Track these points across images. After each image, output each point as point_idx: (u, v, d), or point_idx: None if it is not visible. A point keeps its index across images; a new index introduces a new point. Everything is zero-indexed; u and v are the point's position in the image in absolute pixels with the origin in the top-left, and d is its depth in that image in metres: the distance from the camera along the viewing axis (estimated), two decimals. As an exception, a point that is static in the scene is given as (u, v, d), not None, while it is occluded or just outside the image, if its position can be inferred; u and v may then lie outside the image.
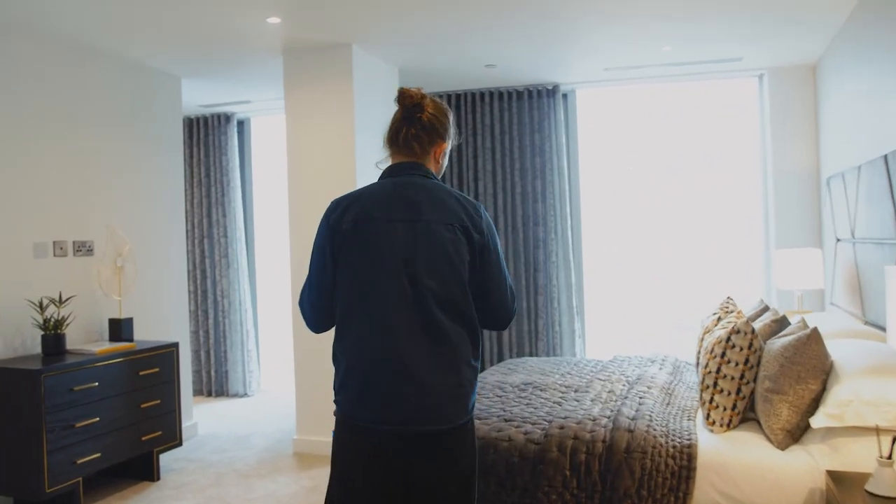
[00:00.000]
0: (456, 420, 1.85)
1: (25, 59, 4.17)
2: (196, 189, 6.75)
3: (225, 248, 6.65)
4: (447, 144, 2.02)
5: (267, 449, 4.96)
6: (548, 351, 5.86)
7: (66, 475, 3.74)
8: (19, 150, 4.12)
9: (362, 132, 4.79)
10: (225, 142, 6.67)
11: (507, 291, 1.96)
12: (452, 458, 1.86)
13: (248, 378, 6.68)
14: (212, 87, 5.78)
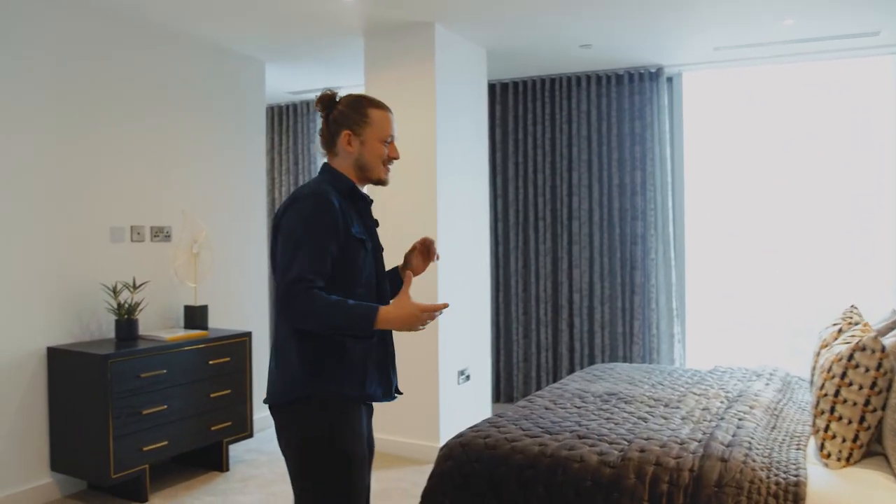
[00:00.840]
0: (279, 398, 2.04)
1: (107, 42, 4.15)
2: (284, 177, 6.70)
3: (312, 238, 6.56)
4: (351, 131, 2.10)
5: (340, 445, 4.79)
6: (644, 356, 5.41)
7: (132, 462, 3.69)
8: (100, 135, 4.11)
9: (445, 119, 4.52)
10: (312, 129, 6.57)
11: (280, 274, 1.97)
12: (279, 433, 2.07)
13: (331, 370, 6.57)
14: (297, 72, 5.66)
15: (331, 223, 1.99)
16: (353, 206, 2.12)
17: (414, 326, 1.94)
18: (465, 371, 4.73)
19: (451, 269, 4.58)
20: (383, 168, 2.18)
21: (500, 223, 5.85)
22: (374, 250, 2.16)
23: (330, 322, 1.92)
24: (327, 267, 1.97)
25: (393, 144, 2.19)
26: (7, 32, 3.67)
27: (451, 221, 4.58)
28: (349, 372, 2.04)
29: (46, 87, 3.84)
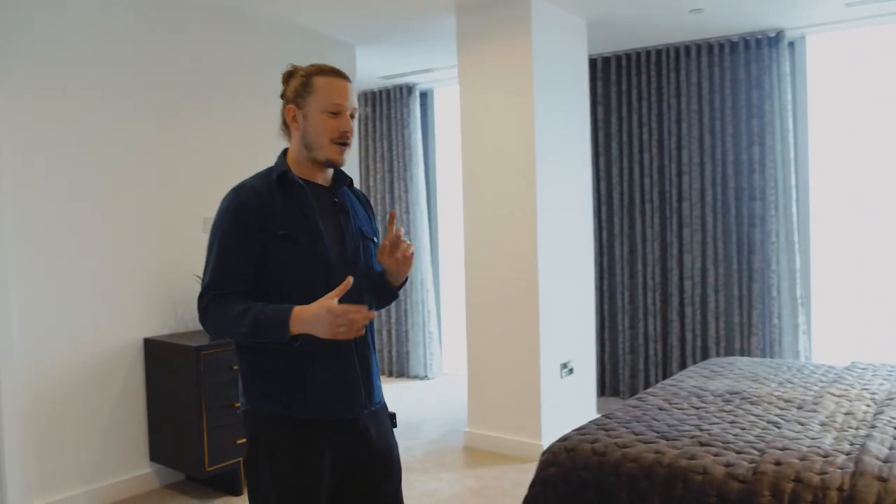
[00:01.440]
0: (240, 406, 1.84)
1: (196, 32, 4.11)
2: (378, 164, 6.58)
3: (407, 225, 6.42)
4: (294, 105, 1.84)
5: (436, 440, 4.62)
6: (763, 349, 4.95)
7: (225, 455, 3.63)
8: (190, 124, 4.08)
9: (543, 98, 4.23)
10: (407, 114, 6.41)
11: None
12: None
13: (428, 360, 6.43)
14: (389, 55, 5.50)
15: (245, 221, 1.74)
16: (288, 195, 1.80)
17: (332, 331, 1.61)
18: (567, 364, 4.45)
19: (552, 257, 4.30)
20: (333, 146, 1.81)
21: (603, 207, 5.50)
22: (313, 245, 1.77)
23: (241, 331, 1.68)
24: (244, 270, 1.73)
25: (344, 116, 1.80)
26: (94, 26, 3.67)
27: (551, 206, 4.30)
28: (287, 385, 1.76)
29: (135, 78, 3.83)
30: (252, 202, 1.76)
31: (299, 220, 1.78)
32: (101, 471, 3.63)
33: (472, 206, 4.48)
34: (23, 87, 3.37)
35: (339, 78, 1.82)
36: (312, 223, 1.78)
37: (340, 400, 1.78)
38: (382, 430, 1.89)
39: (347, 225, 1.86)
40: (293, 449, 1.75)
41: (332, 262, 1.78)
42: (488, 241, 4.40)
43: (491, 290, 4.39)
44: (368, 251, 1.90)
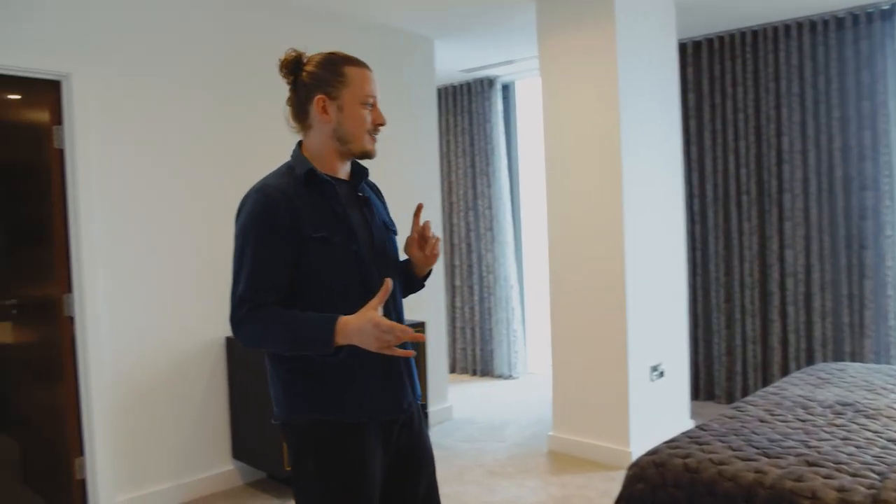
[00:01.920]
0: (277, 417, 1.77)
1: (273, 29, 4.10)
2: (460, 159, 6.47)
3: (490, 221, 6.29)
4: (326, 95, 1.73)
5: (520, 444, 4.48)
6: (878, 354, 4.54)
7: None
8: (266, 124, 4.07)
9: (629, 86, 4.00)
10: (489, 108, 6.27)
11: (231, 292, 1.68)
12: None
13: (513, 359, 6.29)
14: (469, 48, 5.37)
15: (276, 224, 1.65)
16: (317, 193, 1.72)
17: (379, 346, 1.54)
18: (658, 366, 4.22)
19: (640, 253, 4.07)
20: (368, 137, 1.77)
21: (696, 199, 5.21)
22: (348, 243, 1.71)
23: (283, 346, 1.65)
24: (279, 278, 1.65)
25: (377, 108, 1.78)
26: (173, 24, 3.70)
27: (639, 200, 4.07)
28: (332, 389, 1.69)
29: (212, 76, 3.85)
30: (282, 203, 1.66)
31: (332, 221, 1.71)
32: (185, 467, 3.68)
33: (556, 200, 4.30)
34: (108, 84, 3.43)
35: (368, 70, 1.79)
36: (345, 222, 1.73)
37: (388, 399, 1.75)
38: (419, 426, 1.87)
39: (373, 219, 1.81)
40: (344, 456, 1.69)
41: (366, 260, 1.74)
42: (572, 238, 4.22)
43: (575, 288, 4.20)
44: (393, 243, 1.88)
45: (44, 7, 3.23)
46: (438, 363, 5.03)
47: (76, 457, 3.39)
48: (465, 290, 6.48)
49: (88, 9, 3.37)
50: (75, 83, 3.29)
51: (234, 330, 1.67)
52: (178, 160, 3.69)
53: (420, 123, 4.96)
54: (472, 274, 6.43)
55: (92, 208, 3.35)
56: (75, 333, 3.35)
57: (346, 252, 1.71)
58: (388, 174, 4.69)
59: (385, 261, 1.80)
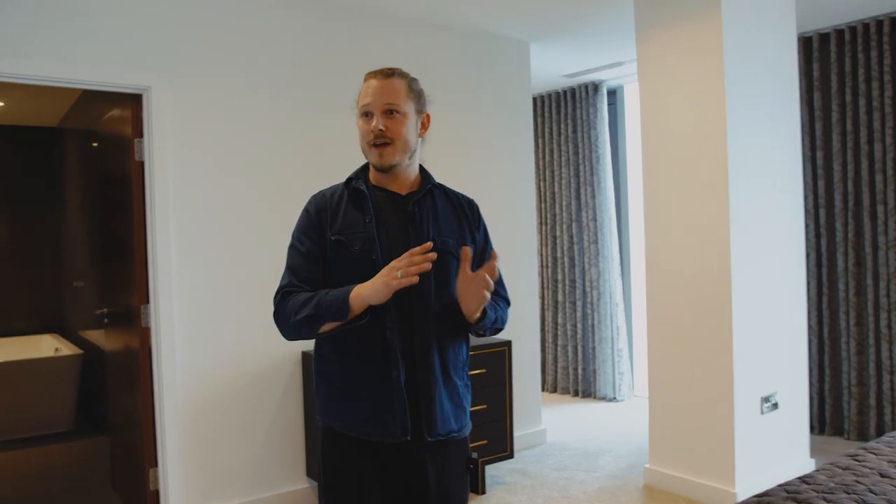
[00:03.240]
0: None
1: (362, 35, 4.01)
2: (564, 169, 6.17)
3: (594, 234, 5.95)
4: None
5: (614, 475, 4.12)
6: None
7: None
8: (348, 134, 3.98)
9: (737, 86, 3.59)
10: (594, 114, 5.94)
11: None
12: None
13: (617, 381, 5.90)
14: (571, 51, 5.09)
15: (307, 226, 1.79)
16: (355, 202, 1.79)
17: (388, 284, 1.57)
18: (771, 397, 3.75)
19: (751, 270, 3.64)
20: (371, 149, 1.76)
21: (821, 210, 4.65)
22: (368, 253, 1.71)
23: (305, 317, 1.66)
24: (310, 274, 1.75)
25: (376, 117, 1.74)
26: (257, 30, 3.68)
27: (749, 210, 3.64)
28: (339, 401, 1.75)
29: (293, 92, 3.80)
30: (317, 206, 1.80)
31: (356, 228, 1.74)
32: (257, 483, 3.63)
33: (654, 212, 3.95)
34: (186, 97, 3.45)
35: (374, 78, 1.78)
36: (368, 231, 1.73)
37: (380, 422, 1.70)
38: (445, 470, 1.76)
39: (417, 235, 1.74)
40: (341, 465, 1.75)
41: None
42: (672, 254, 3.84)
43: (675, 308, 3.82)
44: (442, 264, 1.70)
45: (127, 22, 3.28)
46: (530, 384, 4.76)
47: (151, 467, 3.40)
48: (568, 307, 6.15)
49: (170, 22, 3.40)
50: (154, 96, 3.32)
51: (275, 320, 1.77)
52: (254, 171, 3.66)
53: (515, 131, 4.73)
54: (576, 289, 6.10)
55: (168, 220, 3.37)
56: (151, 344, 3.37)
57: (365, 261, 1.70)
58: (480, 184, 4.51)
59: (420, 280, 1.62)
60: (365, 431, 1.71)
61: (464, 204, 1.89)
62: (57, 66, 3.11)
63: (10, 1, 3.01)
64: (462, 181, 4.42)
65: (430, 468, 1.73)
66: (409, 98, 1.77)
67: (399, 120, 1.73)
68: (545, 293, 6.34)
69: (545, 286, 6.33)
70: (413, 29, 4.23)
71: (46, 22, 3.09)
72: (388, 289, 1.57)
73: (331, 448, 1.77)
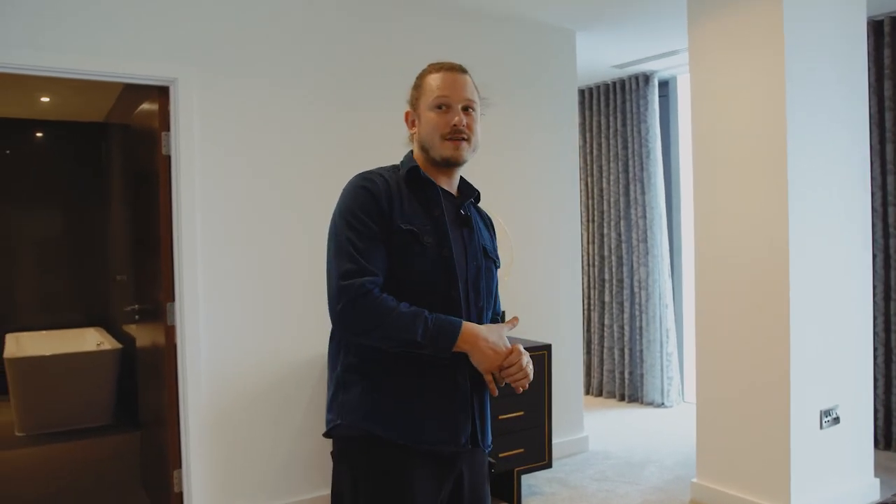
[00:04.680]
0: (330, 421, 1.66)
1: (403, 27, 3.87)
2: (612, 164, 5.92)
3: (643, 232, 5.69)
4: (411, 108, 1.78)
5: (658, 488, 3.89)
6: None
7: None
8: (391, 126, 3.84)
9: (799, 75, 3.31)
10: (644, 107, 5.68)
11: (328, 276, 1.60)
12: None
13: (666, 386, 5.63)
14: (620, 39, 4.85)
15: (369, 204, 1.59)
16: (418, 193, 1.67)
17: (493, 364, 1.55)
18: (831, 411, 3.47)
19: (811, 274, 3.36)
20: (444, 142, 1.67)
21: (890, 208, 4.31)
22: (439, 248, 1.62)
23: (397, 333, 1.51)
24: (380, 257, 1.57)
25: (454, 109, 1.68)
26: (295, 24, 3.57)
27: (810, 211, 3.36)
28: (389, 403, 1.59)
29: (323, 85, 3.67)
30: (381, 188, 1.63)
31: (427, 220, 1.65)
32: (283, 488, 3.52)
33: (706, 209, 3.70)
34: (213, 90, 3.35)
35: (449, 71, 1.73)
36: (441, 225, 1.65)
37: (444, 428, 1.61)
38: (476, 483, 1.71)
39: (471, 240, 1.71)
40: (386, 478, 1.59)
41: (455, 270, 1.63)
42: (725, 254, 3.59)
43: (727, 312, 3.57)
44: (490, 272, 1.75)
45: (156, 13, 3.20)
46: (571, 389, 4.56)
47: (175, 469, 3.33)
48: (615, 307, 5.91)
49: (199, 14, 3.31)
50: (181, 89, 3.24)
51: (341, 312, 1.54)
52: (283, 168, 3.54)
53: (559, 125, 4.52)
54: (623, 289, 5.85)
55: (194, 216, 3.28)
56: (176, 342, 3.30)
57: (437, 256, 1.62)
58: (522, 180, 4.32)
59: (476, 286, 1.68)
60: (426, 439, 1.59)
61: (486, 217, 1.89)
62: (80, 58, 3.04)
63: (35, -9, 2.96)
64: (503, 177, 4.25)
65: (466, 476, 1.69)
66: (477, 97, 1.76)
67: (474, 118, 1.72)
68: (591, 293, 6.10)
69: (591, 286, 6.10)
70: (451, 18, 4.06)
71: (72, 14, 3.02)
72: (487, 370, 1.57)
73: (368, 458, 1.59)
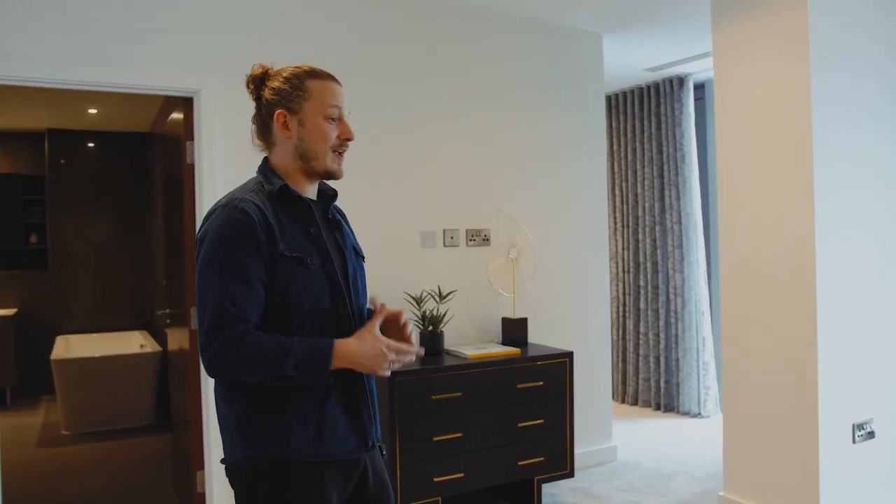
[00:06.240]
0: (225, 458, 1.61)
1: (424, 32, 3.90)
2: (647, 168, 5.83)
3: (679, 237, 5.58)
4: (286, 110, 1.63)
5: (686, 500, 3.81)
6: None
7: (422, 492, 3.33)
8: (411, 130, 3.87)
9: (823, 73, 3.22)
10: (679, 110, 5.58)
11: (198, 318, 1.52)
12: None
13: (702, 396, 5.50)
14: (650, 41, 4.77)
15: (243, 239, 1.49)
16: (290, 212, 1.60)
17: (380, 368, 1.54)
18: (866, 424, 3.35)
19: (840, 282, 3.25)
20: (333, 154, 1.65)
21: (935, 214, 4.13)
22: (323, 265, 1.59)
23: (270, 372, 1.47)
24: (256, 297, 1.50)
25: (343, 122, 1.67)
26: (318, 27, 3.62)
27: (838, 213, 3.25)
28: (293, 425, 1.54)
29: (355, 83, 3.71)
30: (256, 218, 1.52)
31: (306, 241, 1.60)
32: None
33: (729, 216, 3.61)
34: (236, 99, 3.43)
35: (335, 81, 1.70)
36: (320, 243, 1.62)
37: (351, 437, 1.62)
38: (378, 469, 1.73)
39: (345, 243, 1.71)
40: (300, 498, 1.55)
41: (340, 286, 1.62)
42: (750, 261, 3.50)
43: (752, 320, 3.48)
44: (363, 270, 1.78)
45: (181, 27, 3.30)
46: (599, 397, 4.49)
47: (198, 469, 3.41)
48: (650, 315, 5.81)
49: (222, 26, 3.39)
50: (204, 99, 3.33)
51: (208, 360, 1.49)
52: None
53: (586, 130, 4.47)
54: (658, 296, 5.74)
55: (217, 223, 3.36)
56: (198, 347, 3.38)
57: (321, 275, 1.60)
58: (547, 186, 4.29)
59: (356, 288, 1.70)
60: (343, 451, 1.60)
61: (341, 211, 1.84)
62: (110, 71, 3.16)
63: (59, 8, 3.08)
64: (528, 183, 4.23)
65: (369, 468, 1.69)
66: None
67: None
68: (626, 300, 6.01)
69: (626, 292, 6.01)
70: (473, 22, 4.06)
71: (101, 29, 3.14)
72: (375, 371, 1.56)
73: (281, 483, 1.54)
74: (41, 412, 6.10)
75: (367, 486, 1.68)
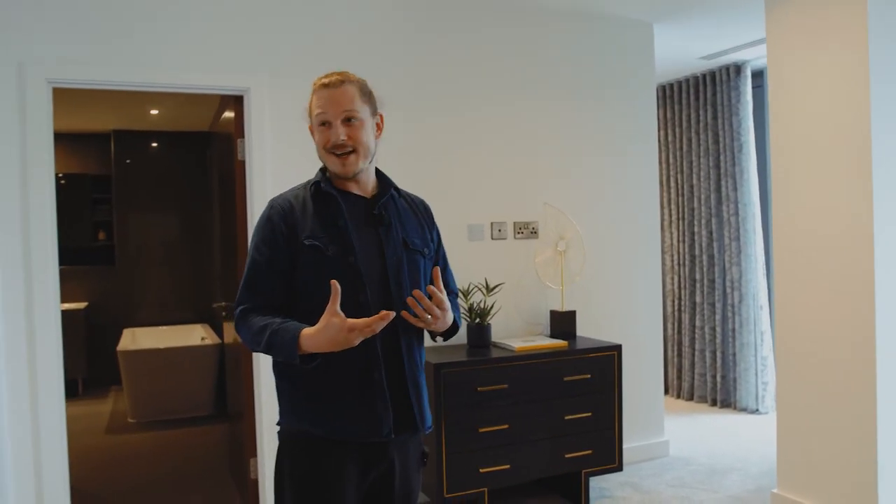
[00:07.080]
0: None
1: (471, 27, 3.91)
2: (703, 159, 5.70)
3: (735, 230, 5.45)
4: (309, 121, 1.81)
5: (738, 497, 3.73)
6: None
7: (468, 483, 3.36)
8: (458, 123, 3.89)
9: (883, 58, 3.10)
10: (736, 99, 5.44)
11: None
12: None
13: (760, 391, 5.37)
14: (704, 29, 4.66)
15: (269, 234, 1.72)
16: (322, 206, 1.75)
17: (349, 343, 1.56)
18: (929, 421, 3.21)
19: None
20: (330, 157, 1.74)
21: None
22: (344, 257, 1.69)
23: (257, 349, 1.66)
24: (271, 285, 1.69)
25: (334, 126, 1.72)
26: (365, 24, 3.68)
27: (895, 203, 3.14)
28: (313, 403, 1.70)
29: (398, 81, 3.75)
30: (281, 212, 1.73)
31: (330, 232, 1.72)
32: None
33: (784, 206, 3.51)
34: (285, 97, 3.51)
35: (325, 87, 1.74)
36: (344, 235, 1.71)
37: (365, 421, 1.69)
38: (407, 471, 1.78)
39: (388, 237, 1.76)
40: (317, 470, 1.70)
41: (365, 277, 1.70)
42: (805, 252, 3.40)
43: (807, 314, 3.38)
44: (414, 264, 1.79)
45: (229, 26, 3.39)
46: (650, 391, 4.43)
47: (251, 457, 3.51)
48: (706, 309, 5.69)
49: (272, 25, 3.48)
50: (253, 97, 3.41)
51: (235, 331, 1.77)
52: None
53: (636, 122, 4.41)
54: (715, 290, 5.62)
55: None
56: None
57: (342, 265, 1.69)
58: (597, 180, 4.25)
59: (399, 280, 1.74)
60: (351, 433, 1.69)
61: (419, 204, 1.94)
62: (164, 72, 3.28)
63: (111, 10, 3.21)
64: (578, 176, 4.20)
65: (397, 464, 1.76)
66: (364, 102, 1.76)
67: (358, 126, 1.73)
68: (682, 293, 5.91)
69: (682, 286, 5.90)
70: (518, 17, 4.05)
71: (153, 30, 3.26)
72: (350, 345, 1.55)
73: (301, 453, 1.71)
74: (110, 402, 6.36)
75: (392, 485, 1.75)
